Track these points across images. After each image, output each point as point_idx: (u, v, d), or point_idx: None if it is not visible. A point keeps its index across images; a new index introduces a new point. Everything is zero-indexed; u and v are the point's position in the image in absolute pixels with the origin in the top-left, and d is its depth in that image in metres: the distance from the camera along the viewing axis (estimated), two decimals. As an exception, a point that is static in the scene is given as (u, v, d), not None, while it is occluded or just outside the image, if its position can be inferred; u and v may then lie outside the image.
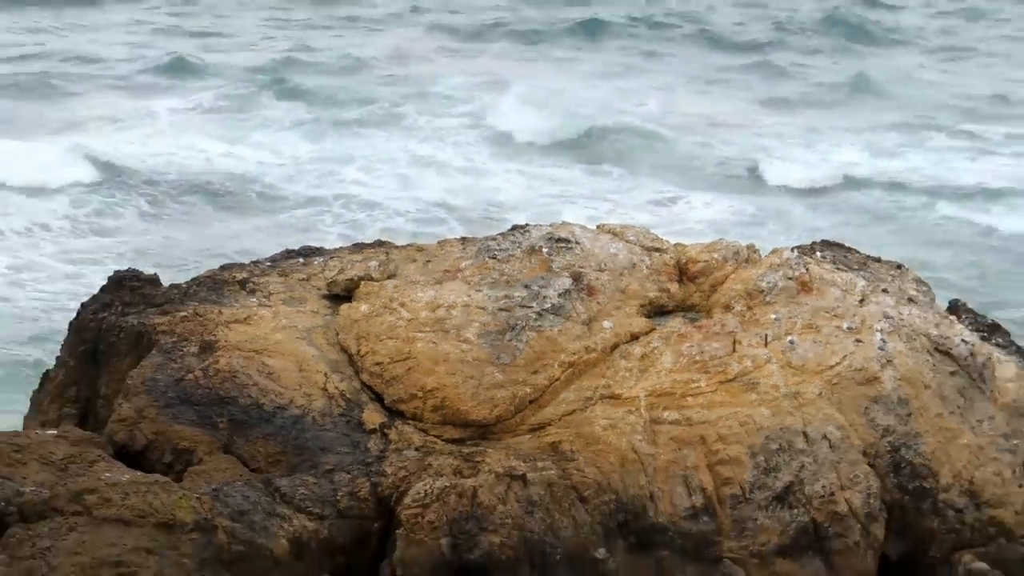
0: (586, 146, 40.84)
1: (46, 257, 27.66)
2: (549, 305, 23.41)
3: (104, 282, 24.81)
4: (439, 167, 39.51)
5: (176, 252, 34.54)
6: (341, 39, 50.07)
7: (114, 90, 44.59)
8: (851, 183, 39.53)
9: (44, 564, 20.22)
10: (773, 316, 23.77)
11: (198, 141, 40.95)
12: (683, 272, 24.75)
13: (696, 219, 34.31)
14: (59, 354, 24.37)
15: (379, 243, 26.19)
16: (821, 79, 49.47)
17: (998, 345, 25.24)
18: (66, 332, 24.51)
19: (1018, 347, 25.92)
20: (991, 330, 25.74)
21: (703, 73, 49.01)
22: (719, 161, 41.04)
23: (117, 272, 24.92)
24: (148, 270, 25.94)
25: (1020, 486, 23.28)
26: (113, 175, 37.42)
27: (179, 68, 47.19)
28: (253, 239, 31.75)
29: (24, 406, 25.39)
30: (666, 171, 39.27)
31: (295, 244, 27.86)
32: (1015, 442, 23.55)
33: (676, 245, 25.53)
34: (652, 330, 23.62)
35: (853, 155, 42.04)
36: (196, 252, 31.71)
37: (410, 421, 22.39)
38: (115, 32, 51.19)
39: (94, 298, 24.42)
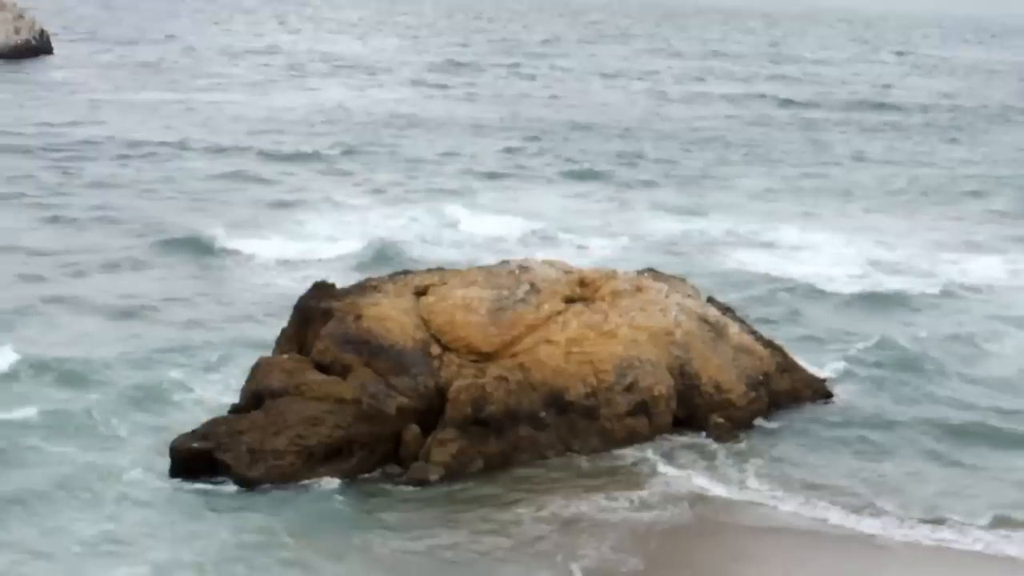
0: (545, 223, 39.92)
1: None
2: (519, 298, 23.20)
3: (310, 287, 24.43)
4: (478, 231, 38.70)
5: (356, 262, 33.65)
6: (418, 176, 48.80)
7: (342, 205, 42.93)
8: (671, 238, 38.80)
9: (281, 418, 20.45)
10: (625, 303, 23.68)
11: (373, 216, 39.90)
12: (582, 282, 24.35)
13: (591, 258, 33.68)
14: (289, 320, 23.94)
15: (439, 269, 25.88)
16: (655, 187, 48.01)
17: (730, 317, 25.34)
18: (293, 309, 24.07)
19: (739, 317, 25.94)
20: (725, 309, 25.75)
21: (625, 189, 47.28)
22: (614, 226, 40.11)
23: (315, 283, 24.43)
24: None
25: (740, 383, 23.37)
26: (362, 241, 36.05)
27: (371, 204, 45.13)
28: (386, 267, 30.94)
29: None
30: (576, 236, 38.59)
31: (400, 268, 27.54)
32: (736, 362, 23.63)
33: (579, 269, 25.23)
34: (568, 310, 23.32)
35: (665, 222, 41.05)
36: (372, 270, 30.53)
37: (453, 352, 22.20)
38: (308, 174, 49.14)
39: (305, 294, 24.02)
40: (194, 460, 19.78)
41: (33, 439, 20.80)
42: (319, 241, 36.14)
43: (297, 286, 27.23)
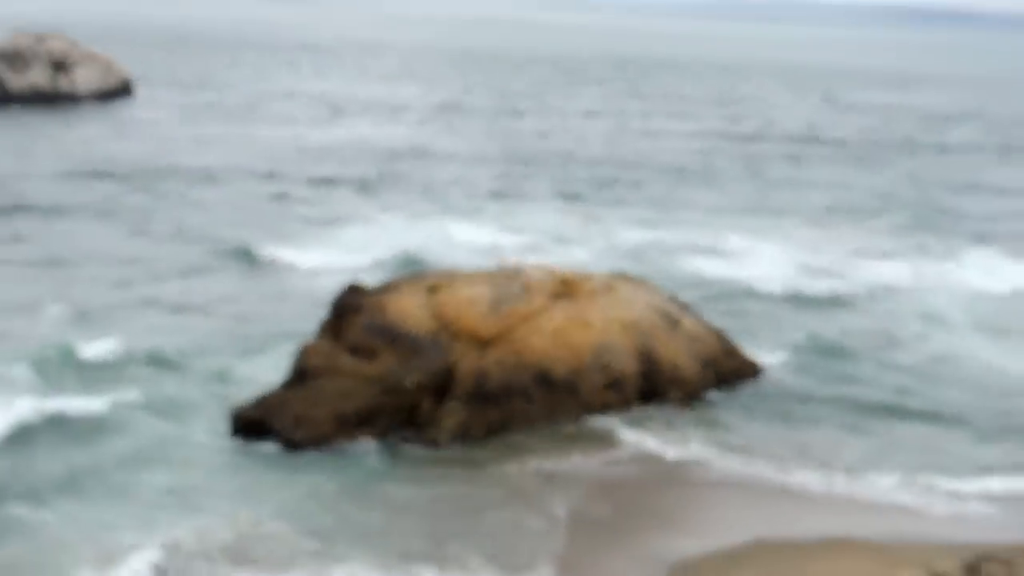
0: (535, 235, 39.72)
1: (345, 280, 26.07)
2: (514, 294, 23.15)
3: (344, 287, 24.29)
4: (484, 240, 38.51)
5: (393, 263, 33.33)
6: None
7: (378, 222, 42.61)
8: (637, 247, 38.71)
9: (320, 393, 20.33)
10: (600, 299, 23.61)
11: (396, 229, 39.74)
12: (565, 282, 24.19)
13: (573, 262, 33.51)
14: (327, 313, 23.76)
15: (449, 271, 25.62)
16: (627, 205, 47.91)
17: (685, 311, 25.08)
18: (330, 305, 23.96)
19: (692, 311, 25.57)
20: (681, 305, 25.41)
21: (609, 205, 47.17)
22: (591, 238, 39.90)
23: (349, 283, 24.26)
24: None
25: (693, 364, 23.25)
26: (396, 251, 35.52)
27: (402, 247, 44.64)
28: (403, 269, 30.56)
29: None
30: (560, 245, 38.49)
31: (417, 271, 27.37)
32: (690, 347, 23.46)
33: (562, 272, 24.97)
34: (554, 305, 23.28)
35: (633, 234, 40.94)
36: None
37: (459, 338, 22.14)
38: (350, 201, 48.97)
39: (341, 292, 23.84)
40: (250, 426, 19.94)
41: (128, 411, 21.17)
42: (352, 250, 36.02)
43: (334, 286, 27.26)
